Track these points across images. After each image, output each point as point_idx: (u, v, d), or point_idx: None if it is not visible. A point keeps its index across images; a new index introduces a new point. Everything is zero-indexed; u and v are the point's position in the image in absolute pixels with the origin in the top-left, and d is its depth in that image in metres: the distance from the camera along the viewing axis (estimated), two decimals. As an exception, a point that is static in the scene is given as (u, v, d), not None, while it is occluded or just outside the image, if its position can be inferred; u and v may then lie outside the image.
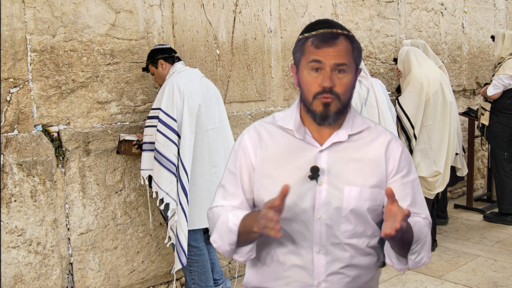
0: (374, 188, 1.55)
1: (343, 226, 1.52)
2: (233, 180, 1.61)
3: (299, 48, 1.54)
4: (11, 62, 2.94)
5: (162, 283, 3.67)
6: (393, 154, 1.58)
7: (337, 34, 1.49)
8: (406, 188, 1.59)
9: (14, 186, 2.92)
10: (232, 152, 1.65)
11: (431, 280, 3.90)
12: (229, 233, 1.50)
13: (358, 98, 3.91)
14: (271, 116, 1.66)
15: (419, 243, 1.51)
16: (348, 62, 1.49)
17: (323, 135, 1.56)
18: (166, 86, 3.15)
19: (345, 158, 1.55)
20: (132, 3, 3.41)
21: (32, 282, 3.01)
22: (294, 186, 1.50)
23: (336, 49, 1.48)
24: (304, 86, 1.52)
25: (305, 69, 1.51)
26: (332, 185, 1.52)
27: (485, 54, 6.53)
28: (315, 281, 1.53)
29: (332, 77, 1.48)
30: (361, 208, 1.53)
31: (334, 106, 1.50)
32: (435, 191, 4.36)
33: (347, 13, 4.83)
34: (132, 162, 3.44)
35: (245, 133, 1.64)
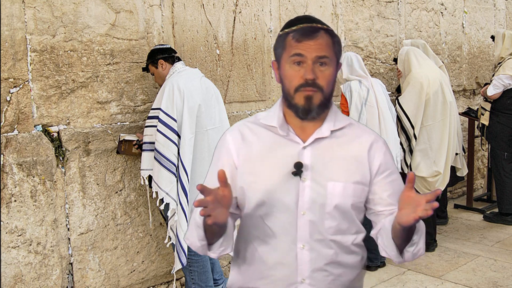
0: (357, 185, 1.55)
1: (327, 222, 1.52)
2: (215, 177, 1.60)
3: (281, 44, 1.55)
4: (11, 62, 2.94)
5: (162, 283, 3.67)
6: (378, 154, 1.59)
7: (317, 28, 1.51)
8: (394, 186, 1.61)
9: (14, 186, 2.92)
10: (215, 153, 1.65)
11: (431, 280, 3.90)
12: (197, 228, 1.50)
13: (358, 98, 3.92)
14: (254, 116, 1.67)
15: (418, 233, 1.53)
16: (329, 55, 1.51)
17: (306, 132, 1.57)
18: (166, 86, 3.15)
19: (328, 154, 1.55)
20: (132, 3, 3.41)
21: (32, 282, 3.01)
22: (277, 183, 1.51)
23: (317, 42, 1.49)
24: (286, 80, 1.53)
25: (287, 63, 1.52)
26: (315, 181, 1.52)
27: (485, 54, 6.53)
28: (299, 277, 1.53)
29: (314, 69, 1.49)
30: (345, 205, 1.54)
31: (317, 99, 1.51)
32: (435, 191, 4.35)
33: (347, 13, 4.83)
34: (132, 162, 3.44)
35: (227, 133, 1.64)
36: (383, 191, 1.58)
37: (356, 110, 3.91)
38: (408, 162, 4.29)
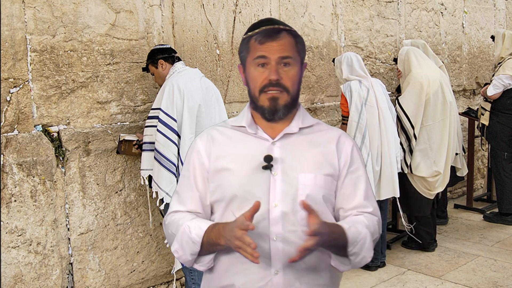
0: (327, 176, 1.58)
1: (299, 213, 1.53)
2: (187, 184, 1.62)
3: (244, 47, 1.58)
4: (11, 62, 2.94)
5: (162, 283, 3.67)
6: (345, 149, 1.62)
7: (280, 30, 1.54)
8: (357, 182, 1.62)
9: (14, 186, 2.92)
10: (186, 158, 1.67)
11: (431, 280, 3.90)
12: (191, 244, 1.50)
13: (358, 98, 3.92)
14: (223, 121, 1.72)
15: (356, 245, 1.52)
16: (292, 55, 1.53)
17: (274, 131, 1.60)
18: (166, 86, 3.15)
19: (298, 148, 1.58)
20: (132, 3, 3.41)
21: (32, 282, 3.01)
22: (248, 176, 1.53)
23: (280, 43, 1.52)
24: (251, 82, 1.56)
25: (251, 66, 1.55)
26: (286, 174, 1.54)
27: (485, 54, 6.53)
28: (273, 269, 1.53)
29: (278, 70, 1.51)
30: (317, 195, 1.55)
31: (282, 99, 1.53)
32: (435, 191, 4.36)
33: (347, 13, 4.83)
34: (132, 162, 3.44)
35: (197, 138, 1.66)
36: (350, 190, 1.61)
37: (356, 110, 3.91)
38: (408, 162, 4.29)
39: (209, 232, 1.49)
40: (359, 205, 1.62)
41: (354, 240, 1.51)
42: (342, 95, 4.04)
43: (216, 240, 1.47)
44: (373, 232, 1.59)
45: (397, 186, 4.03)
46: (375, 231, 1.61)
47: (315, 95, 4.65)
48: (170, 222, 1.60)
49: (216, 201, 1.60)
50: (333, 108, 4.77)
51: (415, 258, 4.35)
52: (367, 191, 1.64)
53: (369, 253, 1.57)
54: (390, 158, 3.96)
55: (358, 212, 1.62)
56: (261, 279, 1.53)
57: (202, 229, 1.49)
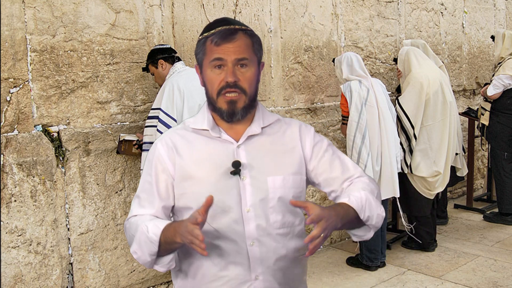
0: (295, 175, 1.58)
1: (272, 216, 1.53)
2: (149, 188, 1.59)
3: (201, 49, 1.56)
4: (11, 62, 2.94)
5: (162, 283, 3.67)
6: (307, 136, 1.64)
7: (235, 30, 1.53)
8: (332, 159, 1.64)
9: (14, 186, 2.92)
10: (146, 162, 1.63)
11: (431, 280, 3.90)
12: (149, 243, 1.48)
13: (358, 98, 3.92)
14: (182, 123, 1.66)
15: (365, 209, 1.53)
16: (249, 56, 1.53)
17: (237, 132, 1.58)
18: (166, 86, 3.15)
19: (263, 150, 1.58)
20: (132, 3, 3.41)
21: (32, 282, 3.01)
22: (217, 184, 1.51)
23: (236, 44, 1.51)
24: (208, 84, 1.55)
25: (208, 68, 1.53)
26: (255, 178, 1.53)
27: (485, 54, 6.53)
28: (253, 274, 1.53)
29: (234, 72, 1.50)
30: (287, 196, 1.55)
31: (240, 102, 1.53)
32: (435, 191, 4.36)
33: (347, 13, 4.83)
34: (132, 162, 3.44)
35: (158, 142, 1.61)
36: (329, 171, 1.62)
37: (356, 110, 3.91)
38: (408, 162, 4.29)
39: (166, 230, 1.46)
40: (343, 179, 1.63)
41: (361, 206, 1.52)
42: (342, 95, 4.04)
43: (172, 238, 1.43)
44: (371, 190, 1.60)
45: (397, 186, 4.03)
46: (372, 188, 1.62)
47: (315, 95, 4.65)
48: (129, 225, 1.57)
49: (183, 208, 1.56)
50: (333, 108, 4.77)
51: (415, 258, 4.35)
52: (343, 162, 1.65)
53: (380, 208, 1.58)
54: (390, 158, 3.96)
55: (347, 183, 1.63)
56: (242, 285, 1.53)
57: (160, 228, 1.46)
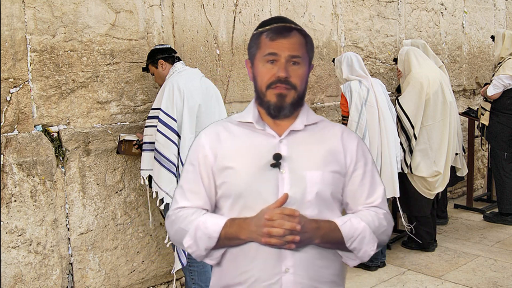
0: (335, 174, 1.58)
1: (308, 211, 1.53)
2: (192, 178, 1.61)
3: (254, 43, 1.57)
4: (11, 62, 2.94)
5: (162, 283, 3.67)
6: (350, 146, 1.63)
7: (291, 28, 1.54)
8: (363, 179, 1.63)
9: (14, 186, 2.92)
10: (190, 152, 1.65)
11: (431, 280, 3.90)
12: (207, 239, 1.51)
13: (358, 98, 3.92)
14: (228, 117, 1.71)
15: (354, 240, 1.54)
16: (302, 55, 1.54)
17: (280, 127, 1.60)
18: (166, 86, 3.15)
19: (304, 145, 1.58)
20: (132, 3, 3.41)
21: (32, 282, 3.01)
22: (256, 175, 1.53)
23: (290, 41, 1.52)
24: (259, 78, 1.56)
25: (260, 62, 1.55)
26: (294, 172, 1.54)
27: (485, 54, 6.53)
28: (283, 267, 1.53)
29: (287, 67, 1.52)
30: (325, 193, 1.55)
31: (289, 97, 1.54)
32: (435, 191, 4.36)
33: (347, 13, 4.83)
34: (132, 162, 3.44)
35: (202, 133, 1.65)
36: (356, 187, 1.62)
37: (356, 110, 3.91)
38: (408, 162, 4.29)
39: (227, 227, 1.49)
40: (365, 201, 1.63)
41: (351, 236, 1.53)
42: (342, 95, 4.04)
43: (236, 235, 1.48)
44: (376, 226, 1.58)
45: (397, 186, 4.03)
46: (380, 224, 1.60)
47: (315, 95, 4.65)
48: (177, 217, 1.59)
49: (221, 197, 1.59)
50: (333, 108, 4.77)
51: (415, 258, 4.35)
52: (372, 186, 1.64)
53: (371, 246, 1.57)
54: (390, 158, 3.96)
55: (364, 208, 1.63)
56: (272, 277, 1.53)
57: (220, 225, 1.50)
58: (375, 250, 1.59)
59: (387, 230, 1.64)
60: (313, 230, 1.48)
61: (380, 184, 1.67)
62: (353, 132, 1.69)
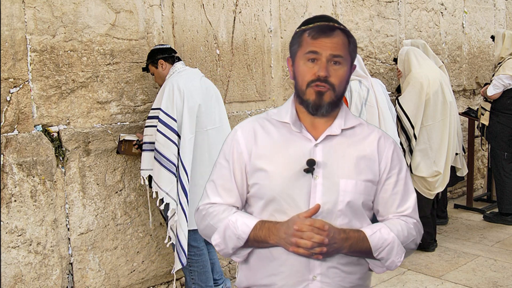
0: (368, 182, 1.57)
1: (339, 220, 1.53)
2: (226, 174, 1.60)
3: (297, 40, 1.56)
4: (11, 62, 2.94)
5: (162, 283, 3.67)
6: (385, 153, 1.60)
7: (334, 27, 1.53)
8: (395, 187, 1.61)
9: (14, 186, 2.92)
10: (224, 147, 1.64)
11: (431, 280, 3.90)
12: (235, 239, 1.51)
13: (358, 98, 3.92)
14: (265, 113, 1.67)
15: (382, 251, 1.53)
16: (344, 55, 1.52)
17: (317, 129, 1.58)
18: (166, 86, 3.15)
19: (340, 152, 1.57)
20: (132, 3, 3.41)
21: (32, 282, 3.01)
22: (289, 179, 1.52)
23: (333, 41, 1.51)
24: (299, 76, 1.55)
25: (301, 60, 1.53)
26: (327, 179, 1.53)
27: (485, 54, 6.53)
28: (311, 275, 1.53)
29: (327, 67, 1.50)
30: (357, 202, 1.55)
31: (328, 96, 1.52)
32: (435, 191, 4.36)
33: (347, 13, 4.83)
34: (132, 162, 3.44)
35: (238, 129, 1.63)
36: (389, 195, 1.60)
37: (356, 110, 3.91)
38: (408, 162, 4.29)
39: (257, 229, 1.49)
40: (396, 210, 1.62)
41: (380, 246, 1.52)
42: (342, 95, 4.04)
43: (265, 238, 1.48)
44: (406, 236, 1.57)
45: (397, 186, 4.02)
46: (410, 234, 1.59)
47: (315, 95, 4.65)
48: (208, 213, 1.58)
49: (253, 197, 1.58)
50: (333, 108, 4.76)
51: (415, 258, 4.35)
52: (404, 194, 1.62)
53: (399, 258, 1.56)
54: (390, 158, 3.96)
55: (394, 216, 1.61)
56: (299, 283, 1.53)
57: (249, 226, 1.49)
58: (401, 261, 1.58)
59: (416, 239, 1.63)
60: (342, 241, 1.47)
61: (412, 192, 1.65)
62: (390, 137, 1.66)
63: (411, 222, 1.61)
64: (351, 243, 1.48)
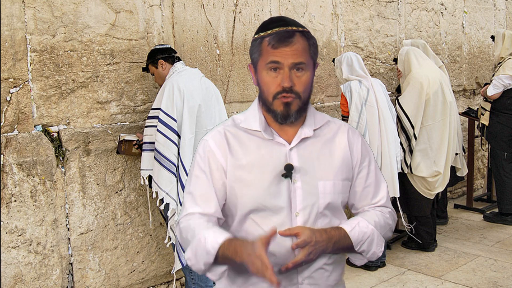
0: (345, 181, 1.59)
1: (319, 221, 1.54)
2: (205, 185, 1.56)
3: (257, 49, 1.54)
4: (11, 62, 2.94)
5: (162, 283, 3.67)
6: (355, 146, 1.63)
7: (293, 32, 1.50)
8: (367, 179, 1.64)
9: (14, 186, 2.92)
10: (197, 158, 1.59)
11: (431, 280, 3.90)
12: (205, 255, 1.46)
13: (358, 98, 3.92)
14: (230, 119, 1.64)
15: (363, 244, 1.55)
16: (305, 60, 1.51)
17: (288, 133, 1.58)
18: (166, 86, 3.15)
19: (314, 153, 1.58)
20: (132, 3, 3.41)
21: (32, 282, 3.01)
22: (269, 187, 1.51)
23: (293, 48, 1.49)
24: (264, 87, 1.53)
25: (264, 69, 1.52)
26: (305, 182, 1.54)
27: (485, 54, 6.53)
28: (300, 278, 1.54)
29: (291, 76, 1.49)
30: (336, 202, 1.57)
31: (295, 105, 1.52)
32: (435, 191, 4.36)
33: (347, 13, 4.83)
34: (132, 162, 3.44)
35: (209, 139, 1.59)
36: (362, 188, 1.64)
37: (356, 110, 3.91)
38: (408, 162, 4.29)
39: (225, 247, 1.43)
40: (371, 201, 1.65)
41: (360, 240, 1.54)
42: (342, 95, 4.04)
43: (232, 257, 1.42)
44: (383, 226, 1.61)
45: (397, 186, 4.03)
46: (386, 223, 1.62)
47: (315, 95, 4.65)
48: (185, 226, 1.54)
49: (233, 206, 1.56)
50: (333, 108, 4.77)
51: (415, 258, 4.35)
52: (377, 185, 1.66)
53: (379, 248, 1.59)
54: (390, 158, 3.96)
55: (369, 207, 1.65)
56: None
57: (218, 242, 1.43)
58: (382, 251, 1.61)
59: (391, 227, 1.67)
60: (326, 242, 1.48)
61: (383, 181, 1.69)
62: (355, 129, 1.69)
63: (386, 212, 1.65)
64: (334, 241, 1.50)
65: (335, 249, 1.52)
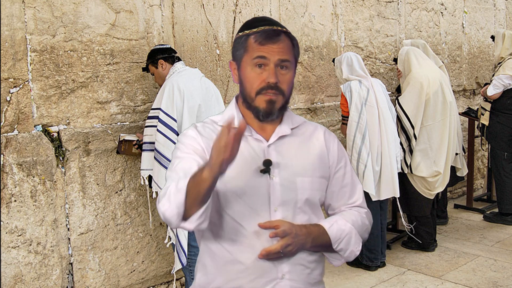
0: (322, 179, 1.61)
1: (298, 217, 1.55)
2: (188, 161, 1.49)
3: (242, 45, 1.56)
4: (11, 62, 2.94)
5: (162, 283, 3.67)
6: (332, 148, 1.65)
7: (279, 31, 1.53)
8: (344, 179, 1.67)
9: (14, 186, 2.92)
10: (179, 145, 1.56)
11: (431, 280, 3.90)
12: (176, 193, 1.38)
13: (358, 98, 3.92)
14: (209, 120, 1.64)
15: (341, 242, 1.58)
16: (290, 59, 1.54)
17: (266, 131, 1.59)
18: (166, 86, 3.15)
19: (292, 150, 1.59)
20: (132, 3, 3.41)
21: (32, 282, 3.01)
22: (247, 182, 1.52)
23: (280, 46, 1.51)
24: (247, 83, 1.54)
25: (248, 65, 1.53)
26: (284, 178, 1.55)
27: (485, 54, 6.53)
28: (279, 273, 1.54)
29: (276, 73, 1.51)
30: (314, 198, 1.59)
31: (278, 102, 1.53)
32: (435, 191, 4.36)
33: (347, 13, 4.83)
34: (132, 162, 3.44)
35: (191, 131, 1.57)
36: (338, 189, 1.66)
37: (356, 110, 3.91)
38: (408, 162, 4.29)
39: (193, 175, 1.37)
40: (347, 201, 1.67)
41: (338, 237, 1.57)
42: (342, 95, 4.04)
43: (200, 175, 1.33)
44: (360, 225, 1.63)
45: (397, 186, 4.03)
46: (363, 223, 1.65)
47: (315, 95, 4.65)
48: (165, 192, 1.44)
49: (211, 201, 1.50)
50: (333, 108, 4.77)
51: (415, 258, 4.35)
52: (353, 186, 1.68)
53: (357, 247, 1.62)
54: (390, 158, 3.96)
55: (346, 208, 1.67)
56: (267, 283, 1.53)
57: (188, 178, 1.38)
58: (360, 250, 1.64)
59: (368, 228, 1.69)
60: (305, 236, 1.50)
61: (358, 182, 1.72)
62: (331, 132, 1.71)
63: (363, 212, 1.68)
64: (313, 237, 1.52)
65: (313, 245, 1.54)
